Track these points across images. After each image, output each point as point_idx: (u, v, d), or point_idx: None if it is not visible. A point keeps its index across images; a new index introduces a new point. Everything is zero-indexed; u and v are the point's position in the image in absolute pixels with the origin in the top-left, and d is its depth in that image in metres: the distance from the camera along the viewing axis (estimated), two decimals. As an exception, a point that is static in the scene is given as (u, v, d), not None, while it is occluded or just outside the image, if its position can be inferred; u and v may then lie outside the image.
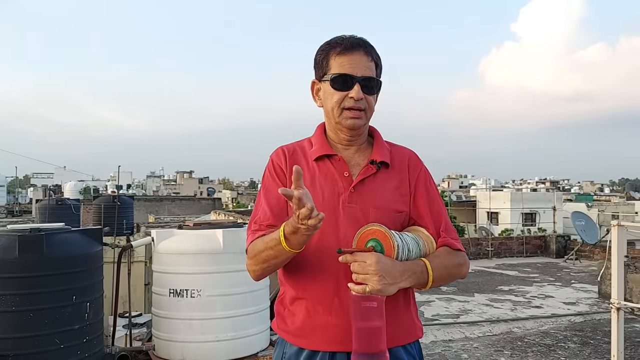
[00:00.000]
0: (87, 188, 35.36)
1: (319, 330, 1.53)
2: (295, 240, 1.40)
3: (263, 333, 4.29)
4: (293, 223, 1.37)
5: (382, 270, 1.37)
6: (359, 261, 1.39)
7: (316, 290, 1.54)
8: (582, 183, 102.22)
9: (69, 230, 3.67)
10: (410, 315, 1.61)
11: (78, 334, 3.42)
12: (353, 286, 1.40)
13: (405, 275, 1.43)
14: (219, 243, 4.01)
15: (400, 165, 1.65)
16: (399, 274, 1.41)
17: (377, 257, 1.39)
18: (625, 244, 3.71)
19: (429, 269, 1.48)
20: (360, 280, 1.39)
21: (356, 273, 1.40)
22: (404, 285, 1.44)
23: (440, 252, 1.57)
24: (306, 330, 1.55)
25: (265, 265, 1.53)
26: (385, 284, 1.38)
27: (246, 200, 50.73)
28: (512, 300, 7.88)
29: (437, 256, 1.55)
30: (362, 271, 1.38)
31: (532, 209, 27.40)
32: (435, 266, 1.50)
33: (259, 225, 1.59)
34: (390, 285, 1.39)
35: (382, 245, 1.44)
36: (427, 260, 1.50)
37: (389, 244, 1.44)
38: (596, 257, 11.94)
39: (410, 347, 1.60)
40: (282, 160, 1.64)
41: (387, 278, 1.38)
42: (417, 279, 1.47)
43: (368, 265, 1.38)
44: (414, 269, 1.46)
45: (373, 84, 1.59)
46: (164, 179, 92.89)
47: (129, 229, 9.77)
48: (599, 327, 6.31)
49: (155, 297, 4.21)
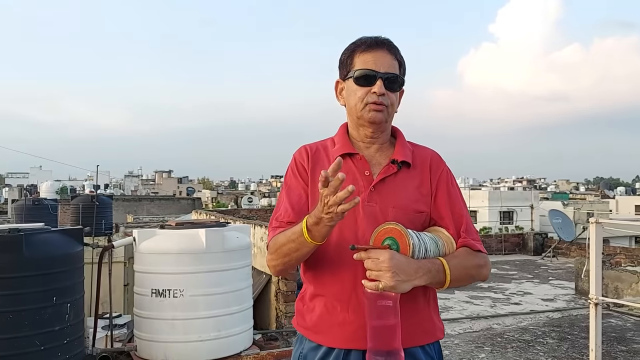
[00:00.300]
0: (63, 188, 34.83)
1: (336, 327, 1.54)
2: (318, 232, 1.40)
3: (246, 332, 4.29)
4: (316, 213, 1.37)
5: (396, 266, 1.37)
6: (372, 258, 1.39)
7: (334, 288, 1.55)
8: (558, 182, 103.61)
9: (49, 231, 3.62)
10: (429, 316, 1.61)
11: (59, 336, 3.38)
12: (366, 282, 1.40)
13: (420, 273, 1.42)
14: (202, 243, 4.00)
15: (422, 165, 1.65)
16: (413, 271, 1.40)
17: (391, 254, 1.39)
18: (601, 241, 3.79)
19: (446, 268, 1.47)
20: (374, 277, 1.39)
21: (370, 270, 1.40)
22: (418, 283, 1.43)
23: (460, 253, 1.56)
24: (323, 326, 1.56)
25: (287, 259, 1.53)
26: (398, 280, 1.37)
27: (226, 200, 50.40)
28: (492, 297, 7.98)
29: (455, 256, 1.54)
30: (376, 268, 1.38)
31: (509, 208, 27.74)
32: (453, 265, 1.48)
33: (280, 222, 1.61)
34: (404, 282, 1.38)
35: (398, 244, 1.44)
36: (444, 259, 1.49)
37: (405, 242, 1.44)
38: (573, 254, 12.15)
39: (429, 347, 1.59)
40: (304, 159, 1.65)
41: (401, 275, 1.37)
42: (433, 277, 1.45)
43: (381, 261, 1.37)
44: (429, 267, 1.45)
45: (396, 81, 1.60)
46: (143, 178, 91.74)
47: (108, 229, 9.64)
48: (576, 322, 6.43)
49: (137, 298, 4.17)
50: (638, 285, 7.09)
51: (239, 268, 4.22)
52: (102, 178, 44.57)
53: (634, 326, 6.20)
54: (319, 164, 1.63)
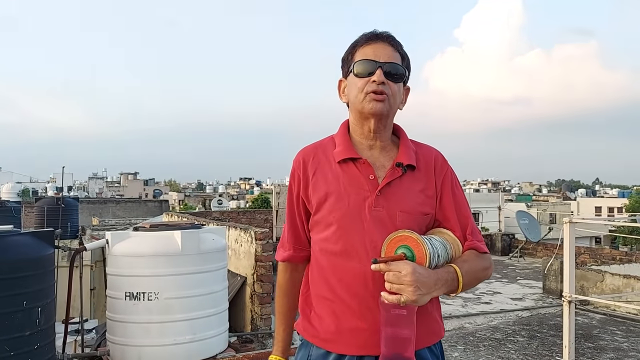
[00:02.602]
0: (25, 190, 33.82)
1: (348, 335, 1.52)
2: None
3: (222, 335, 4.24)
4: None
5: (417, 280, 1.34)
6: (394, 271, 1.36)
7: (344, 294, 1.52)
8: (521, 184, 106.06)
9: (18, 233, 3.50)
10: (434, 317, 1.60)
11: (29, 341, 3.27)
12: (387, 296, 1.36)
13: (438, 285, 1.40)
14: (178, 245, 3.93)
15: (426, 167, 1.62)
16: (432, 284, 1.38)
17: (413, 267, 1.35)
18: (574, 241, 3.87)
19: (460, 276, 1.45)
20: (395, 290, 1.35)
21: (390, 283, 1.36)
22: (436, 294, 1.41)
23: (469, 257, 1.54)
24: (335, 334, 1.54)
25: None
26: (420, 294, 1.34)
27: (194, 203, 49.83)
28: (463, 297, 8.08)
29: (465, 261, 1.51)
30: (398, 281, 1.35)
31: (475, 209, 28.17)
32: (465, 272, 1.46)
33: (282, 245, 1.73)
34: (424, 296, 1.36)
35: (414, 253, 1.40)
36: (457, 267, 1.46)
37: (421, 251, 1.40)
38: (539, 254, 12.43)
39: (434, 347, 1.59)
40: (301, 170, 1.62)
41: (422, 288, 1.35)
42: (449, 287, 1.44)
43: (403, 275, 1.34)
44: (445, 277, 1.42)
45: (397, 71, 1.56)
46: (108, 180, 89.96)
47: (74, 232, 9.40)
48: (545, 320, 6.57)
49: (110, 301, 4.08)
50: (603, 284, 7.30)
51: (215, 270, 4.17)
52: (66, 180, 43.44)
53: (600, 323, 6.37)
54: (320, 170, 1.60)
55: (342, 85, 1.67)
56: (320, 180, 1.59)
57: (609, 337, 5.75)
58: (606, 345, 5.46)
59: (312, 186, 1.59)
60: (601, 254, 11.32)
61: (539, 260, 11.63)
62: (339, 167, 1.58)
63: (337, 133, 1.67)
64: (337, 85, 1.68)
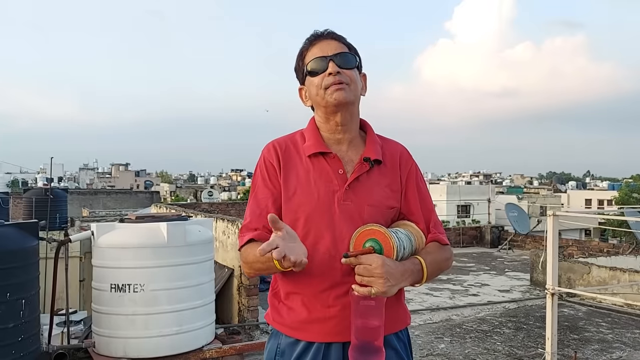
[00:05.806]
0: (14, 181, 33.60)
1: (317, 323, 1.56)
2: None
3: (208, 327, 4.23)
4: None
5: (387, 273, 1.41)
6: (364, 264, 1.42)
7: (313, 286, 1.56)
8: (513, 176, 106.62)
9: (2, 224, 3.48)
10: (401, 305, 1.66)
11: (13, 333, 3.27)
12: (358, 288, 1.43)
13: (405, 276, 1.48)
14: (163, 236, 3.92)
15: (392, 162, 1.67)
16: (400, 275, 1.46)
17: (382, 260, 1.42)
18: (557, 233, 3.90)
19: (424, 268, 1.53)
20: (365, 283, 1.42)
21: (361, 275, 1.43)
22: (404, 285, 1.49)
23: (432, 248, 1.62)
24: (304, 323, 1.57)
25: (259, 272, 1.58)
26: (389, 285, 1.42)
27: (185, 194, 49.70)
28: (451, 289, 8.13)
29: (429, 252, 1.59)
30: (368, 274, 1.41)
31: (467, 201, 28.33)
32: (429, 263, 1.54)
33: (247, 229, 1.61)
34: (393, 287, 1.44)
35: (382, 246, 1.46)
36: (422, 259, 1.54)
37: (389, 244, 1.46)
38: (528, 246, 12.52)
39: (400, 333, 1.65)
40: (273, 157, 1.63)
41: (391, 280, 1.42)
42: (415, 277, 1.52)
43: (374, 268, 1.41)
44: (412, 269, 1.50)
45: (347, 59, 1.60)
46: (98, 171, 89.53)
47: (63, 224, 9.36)
48: (531, 312, 6.63)
49: (95, 293, 4.07)
50: (589, 276, 7.37)
51: (201, 262, 4.17)
52: (56, 171, 43.21)
53: (585, 315, 6.44)
54: (291, 163, 1.62)
55: (302, 92, 1.69)
56: (291, 172, 1.61)
57: (594, 329, 5.81)
58: (591, 336, 5.52)
59: (284, 177, 1.61)
60: (589, 247, 11.42)
61: (527, 252, 11.72)
62: (309, 161, 1.62)
63: (306, 128, 1.70)
64: (299, 94, 1.71)
